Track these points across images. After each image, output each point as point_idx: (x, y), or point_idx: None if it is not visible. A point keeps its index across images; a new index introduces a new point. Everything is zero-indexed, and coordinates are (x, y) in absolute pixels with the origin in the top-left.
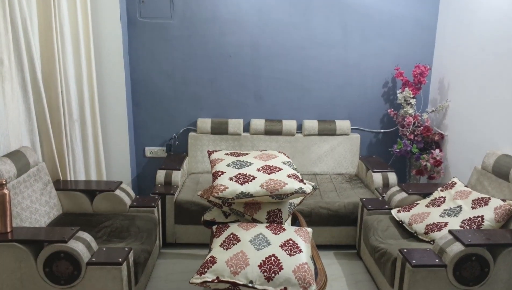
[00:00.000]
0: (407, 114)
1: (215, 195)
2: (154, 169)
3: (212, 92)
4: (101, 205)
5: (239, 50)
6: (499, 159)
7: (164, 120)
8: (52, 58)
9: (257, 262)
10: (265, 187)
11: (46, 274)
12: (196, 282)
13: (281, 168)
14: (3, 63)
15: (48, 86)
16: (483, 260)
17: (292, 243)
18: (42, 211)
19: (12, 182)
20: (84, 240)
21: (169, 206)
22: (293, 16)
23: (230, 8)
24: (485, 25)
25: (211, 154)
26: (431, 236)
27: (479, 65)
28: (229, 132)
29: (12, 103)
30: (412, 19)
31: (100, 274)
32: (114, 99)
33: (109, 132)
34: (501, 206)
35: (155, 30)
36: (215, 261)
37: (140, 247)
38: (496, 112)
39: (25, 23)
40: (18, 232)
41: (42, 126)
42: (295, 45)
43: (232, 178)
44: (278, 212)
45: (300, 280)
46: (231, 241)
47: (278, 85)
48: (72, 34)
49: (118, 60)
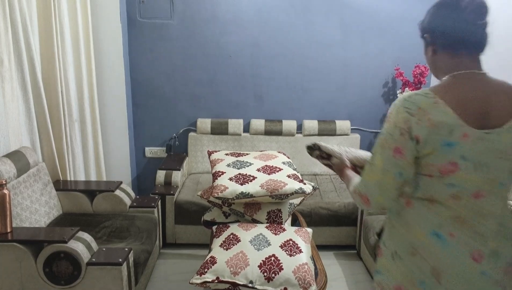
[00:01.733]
0: None
1: (215, 195)
2: (154, 169)
3: (212, 92)
4: (101, 205)
5: (239, 50)
6: None
7: (164, 120)
8: (52, 58)
9: (257, 263)
10: (265, 188)
11: (46, 275)
12: (196, 282)
13: (281, 168)
14: (3, 63)
15: (48, 86)
16: None
17: (292, 243)
18: (42, 211)
19: (12, 182)
20: (84, 240)
21: (169, 206)
22: (293, 16)
23: (230, 8)
24: None
25: (211, 155)
26: None
27: None
28: (229, 132)
29: (12, 103)
30: (412, 19)
31: (100, 274)
32: (114, 99)
33: (109, 132)
34: None
35: (155, 30)
36: (215, 262)
37: (140, 247)
38: None
39: (25, 23)
40: (18, 232)
41: (42, 126)
42: (295, 45)
43: (232, 178)
44: (278, 212)
45: (300, 280)
46: (231, 241)
47: (278, 85)
48: (72, 34)
49: (118, 60)
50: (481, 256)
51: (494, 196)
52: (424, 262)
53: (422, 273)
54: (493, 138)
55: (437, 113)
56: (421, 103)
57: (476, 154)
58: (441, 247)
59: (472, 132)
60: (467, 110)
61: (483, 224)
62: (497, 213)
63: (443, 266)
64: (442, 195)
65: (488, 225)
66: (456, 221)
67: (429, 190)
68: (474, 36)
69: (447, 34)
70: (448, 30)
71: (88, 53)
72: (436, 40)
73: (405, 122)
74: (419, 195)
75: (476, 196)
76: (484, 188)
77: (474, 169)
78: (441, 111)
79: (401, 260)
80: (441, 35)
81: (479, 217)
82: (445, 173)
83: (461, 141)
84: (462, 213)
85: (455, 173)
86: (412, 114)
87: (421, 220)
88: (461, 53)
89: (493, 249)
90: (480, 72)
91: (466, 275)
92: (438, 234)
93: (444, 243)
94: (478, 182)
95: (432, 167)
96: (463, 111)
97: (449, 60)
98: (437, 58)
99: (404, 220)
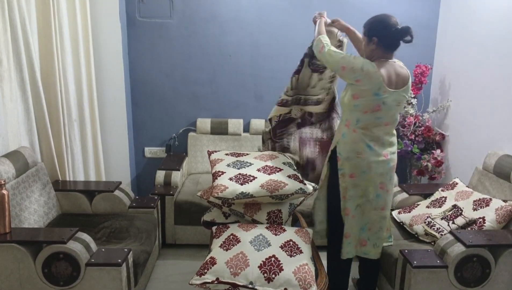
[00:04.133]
0: (408, 114)
1: (215, 195)
2: (154, 169)
3: (212, 92)
4: (100, 206)
5: (239, 49)
6: (500, 160)
7: (163, 120)
8: (51, 58)
9: (257, 263)
10: (265, 188)
11: (45, 275)
12: (196, 283)
13: (281, 168)
14: (2, 63)
15: (47, 86)
16: (484, 261)
17: (293, 244)
18: (41, 212)
19: (11, 182)
20: (83, 241)
21: (169, 207)
22: (293, 16)
23: (230, 8)
24: (486, 24)
25: (211, 155)
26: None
27: (480, 65)
28: (229, 132)
29: (11, 103)
30: (412, 18)
31: (99, 275)
32: (113, 99)
33: (108, 132)
34: (502, 207)
35: (154, 30)
36: (215, 262)
37: (140, 248)
38: (498, 112)
39: (24, 23)
40: (17, 233)
41: (41, 126)
42: (295, 45)
43: (232, 178)
44: (278, 212)
45: (301, 281)
46: (231, 242)
47: (278, 85)
48: (71, 34)
49: (118, 60)
50: (387, 154)
51: (392, 125)
52: (364, 161)
53: (363, 166)
54: (397, 95)
55: (376, 77)
56: (371, 68)
57: (389, 101)
58: (370, 152)
59: (388, 90)
60: (388, 79)
61: (387, 139)
62: (393, 133)
63: (372, 162)
64: (371, 124)
65: (390, 139)
66: (376, 139)
67: (364, 122)
68: (397, 43)
69: (388, 41)
70: (388, 39)
71: (87, 53)
72: (380, 41)
73: (362, 69)
74: (359, 126)
75: (386, 124)
76: (389, 120)
77: (387, 110)
78: (378, 76)
79: (352, 160)
80: (384, 40)
81: (386, 135)
82: (375, 111)
83: (383, 94)
84: (379, 134)
85: (379, 111)
86: (368, 70)
87: (361, 139)
88: (388, 50)
89: (393, 150)
90: (394, 60)
91: (382, 165)
92: (369, 146)
93: (372, 150)
94: (388, 116)
95: (367, 107)
96: (386, 78)
97: (382, 53)
98: (375, 51)
99: (351, 139)
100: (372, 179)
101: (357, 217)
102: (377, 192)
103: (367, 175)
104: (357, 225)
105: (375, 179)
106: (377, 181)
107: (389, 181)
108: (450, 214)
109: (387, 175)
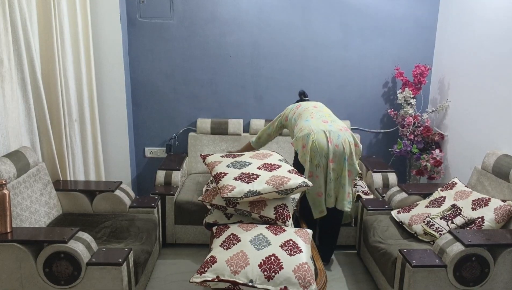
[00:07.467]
0: (407, 114)
1: (224, 196)
2: (154, 169)
3: (212, 92)
4: (101, 206)
5: (239, 50)
6: (499, 159)
7: (164, 120)
8: (51, 58)
9: (257, 262)
10: (271, 184)
11: (46, 275)
12: (196, 281)
13: (280, 165)
14: (3, 63)
15: (48, 86)
16: (483, 261)
17: (292, 243)
18: (42, 212)
19: (12, 182)
20: (84, 241)
21: (169, 207)
22: (293, 16)
23: (230, 8)
24: (485, 25)
25: (206, 158)
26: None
27: (479, 65)
28: (229, 132)
29: (12, 103)
30: (412, 19)
31: (100, 274)
32: (113, 99)
33: (109, 132)
34: (501, 206)
35: (155, 30)
36: (215, 261)
37: (140, 247)
38: (496, 112)
39: (25, 23)
40: (18, 233)
41: (42, 126)
42: (295, 45)
43: (237, 178)
44: (284, 206)
45: (300, 279)
46: (231, 241)
47: (278, 85)
48: (71, 34)
49: (118, 60)
50: (330, 139)
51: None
52: (314, 143)
53: (314, 147)
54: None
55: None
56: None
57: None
58: (313, 138)
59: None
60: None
61: (327, 129)
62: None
63: (319, 143)
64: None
65: (333, 128)
66: (320, 132)
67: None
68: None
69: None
70: None
71: (88, 53)
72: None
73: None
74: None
75: (325, 121)
76: (327, 119)
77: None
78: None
79: (304, 141)
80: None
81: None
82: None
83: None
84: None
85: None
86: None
87: (302, 135)
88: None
89: (337, 134)
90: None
91: (327, 147)
92: (308, 135)
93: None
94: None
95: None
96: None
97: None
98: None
99: (301, 136)
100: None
101: (320, 176)
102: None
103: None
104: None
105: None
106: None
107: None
108: (449, 213)
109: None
